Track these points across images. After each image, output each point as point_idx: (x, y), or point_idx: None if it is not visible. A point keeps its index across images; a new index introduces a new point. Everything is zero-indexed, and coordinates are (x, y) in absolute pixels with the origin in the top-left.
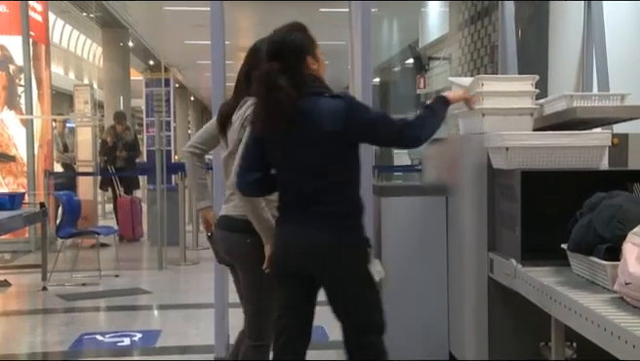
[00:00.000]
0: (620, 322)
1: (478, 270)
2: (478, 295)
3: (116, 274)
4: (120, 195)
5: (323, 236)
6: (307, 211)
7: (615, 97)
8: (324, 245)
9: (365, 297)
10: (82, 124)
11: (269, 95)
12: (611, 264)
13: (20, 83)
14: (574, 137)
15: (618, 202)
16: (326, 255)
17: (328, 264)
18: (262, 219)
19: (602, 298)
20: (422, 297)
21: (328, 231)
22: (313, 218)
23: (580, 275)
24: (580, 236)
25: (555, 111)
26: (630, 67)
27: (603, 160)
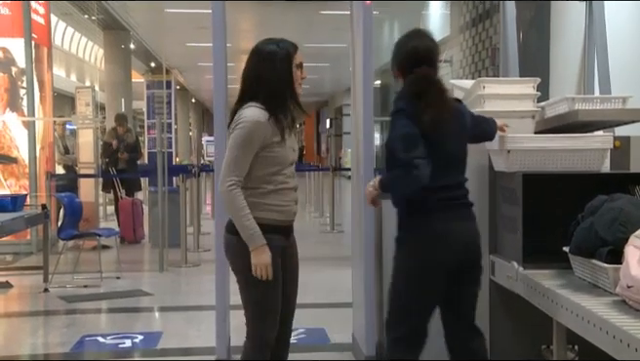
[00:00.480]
0: (622, 325)
1: None
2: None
3: (117, 276)
4: (121, 197)
5: (476, 228)
6: (463, 204)
7: (616, 99)
8: (479, 236)
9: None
10: (83, 126)
11: (444, 96)
12: (613, 267)
13: (22, 85)
14: (575, 139)
15: (619, 205)
16: (479, 246)
17: (479, 256)
18: (244, 225)
19: (604, 301)
20: None
21: (475, 222)
22: (466, 210)
23: (581, 278)
24: (581, 239)
25: (557, 114)
26: (632, 69)
27: (605, 163)
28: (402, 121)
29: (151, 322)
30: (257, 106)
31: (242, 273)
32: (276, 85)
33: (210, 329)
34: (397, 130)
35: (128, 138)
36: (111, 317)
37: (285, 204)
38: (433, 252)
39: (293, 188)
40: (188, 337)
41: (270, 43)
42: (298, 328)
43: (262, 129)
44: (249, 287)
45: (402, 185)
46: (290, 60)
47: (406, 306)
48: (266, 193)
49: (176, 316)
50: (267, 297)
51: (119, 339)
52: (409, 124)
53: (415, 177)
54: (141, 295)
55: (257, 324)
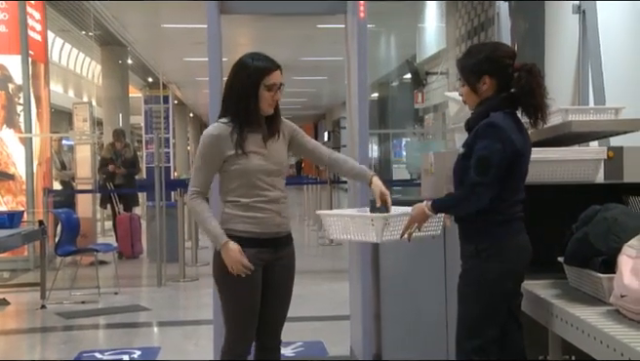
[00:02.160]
0: (616, 335)
1: None
2: None
3: (115, 291)
4: (119, 212)
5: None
6: (522, 217)
7: (610, 110)
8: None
9: None
10: (81, 142)
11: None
12: (607, 277)
13: (18, 102)
14: (570, 150)
15: (613, 215)
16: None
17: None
18: (206, 229)
19: (598, 310)
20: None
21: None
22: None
23: (576, 288)
24: (575, 249)
25: (551, 125)
26: (626, 80)
27: (598, 173)
28: (486, 142)
29: (149, 337)
30: (219, 122)
31: (216, 283)
32: (239, 98)
33: (208, 344)
34: (478, 149)
35: (126, 153)
36: (109, 333)
37: (263, 216)
38: (520, 260)
39: (273, 200)
40: (187, 351)
41: (248, 56)
42: (296, 341)
43: (216, 143)
44: (222, 296)
45: (465, 206)
46: (258, 76)
47: (488, 315)
48: (242, 206)
49: (174, 331)
50: (239, 307)
51: (117, 354)
52: (496, 148)
53: (479, 200)
54: (140, 310)
55: (227, 333)
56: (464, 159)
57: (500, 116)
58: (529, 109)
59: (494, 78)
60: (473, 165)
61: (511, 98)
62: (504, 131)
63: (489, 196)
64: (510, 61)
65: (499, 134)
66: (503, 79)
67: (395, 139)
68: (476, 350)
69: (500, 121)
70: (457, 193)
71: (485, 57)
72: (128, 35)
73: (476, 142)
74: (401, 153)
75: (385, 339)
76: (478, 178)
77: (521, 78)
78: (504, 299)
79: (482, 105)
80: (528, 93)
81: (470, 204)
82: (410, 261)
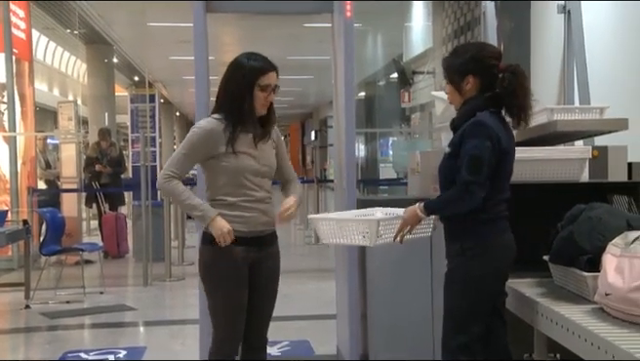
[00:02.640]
0: (600, 332)
1: None
2: None
3: (101, 291)
4: (105, 212)
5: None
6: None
7: (594, 110)
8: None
9: None
10: (66, 140)
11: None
12: (591, 275)
13: (2, 100)
14: (555, 150)
15: (598, 214)
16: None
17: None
18: (190, 206)
19: (583, 309)
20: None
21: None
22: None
23: (561, 286)
24: (561, 248)
25: (537, 124)
26: (611, 80)
27: (583, 172)
28: (476, 141)
29: (135, 337)
30: (213, 117)
31: (203, 281)
32: (235, 97)
33: (195, 343)
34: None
35: (112, 152)
36: (94, 333)
37: (249, 215)
38: (505, 258)
39: (259, 200)
40: (173, 351)
41: (243, 56)
42: (282, 340)
43: (207, 137)
44: (208, 294)
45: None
46: (253, 76)
47: (474, 312)
48: (228, 205)
49: (160, 331)
50: (227, 305)
51: (102, 354)
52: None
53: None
54: (125, 309)
55: (215, 332)
56: (450, 158)
57: (487, 115)
58: (512, 110)
59: (478, 78)
60: (465, 164)
61: (496, 97)
62: (492, 129)
63: (482, 195)
64: (496, 62)
65: (487, 132)
66: (488, 79)
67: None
68: (462, 348)
69: (487, 120)
70: (449, 193)
71: (471, 56)
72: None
73: (464, 142)
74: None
75: (372, 338)
76: (471, 177)
77: (505, 79)
78: (489, 297)
79: (467, 105)
80: (512, 94)
81: (465, 203)
82: (396, 261)
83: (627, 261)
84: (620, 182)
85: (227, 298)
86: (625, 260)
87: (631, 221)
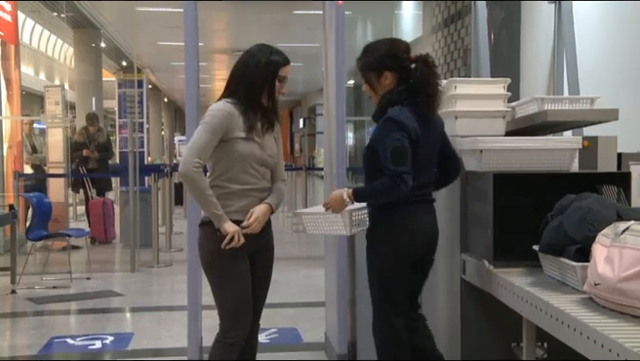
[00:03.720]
0: (589, 322)
1: (451, 271)
2: (450, 295)
3: (88, 277)
4: (92, 197)
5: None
6: (431, 200)
7: (585, 100)
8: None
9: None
10: (53, 125)
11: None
12: (581, 265)
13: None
14: (546, 140)
15: (587, 204)
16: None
17: (436, 247)
18: (210, 203)
19: (572, 298)
20: None
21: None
22: (432, 206)
23: (550, 276)
24: (550, 238)
25: (527, 114)
26: (600, 71)
27: (573, 163)
28: (396, 133)
29: (122, 323)
30: (227, 101)
31: (208, 272)
32: (254, 85)
33: (182, 329)
34: (389, 142)
35: (99, 137)
36: (81, 318)
37: (249, 203)
38: (409, 242)
39: (260, 189)
40: (160, 337)
41: (264, 49)
42: (270, 328)
43: (228, 118)
44: (213, 285)
45: (388, 195)
46: (275, 68)
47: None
48: (230, 193)
49: (147, 317)
50: (233, 295)
51: (89, 340)
52: (401, 137)
53: (400, 189)
54: (112, 295)
55: (222, 321)
56: (367, 149)
57: (397, 110)
58: (422, 98)
59: (394, 72)
60: (389, 158)
61: (409, 89)
62: (402, 123)
63: (411, 183)
64: (406, 55)
65: (398, 125)
66: (402, 72)
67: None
68: (386, 337)
69: (397, 115)
70: (382, 183)
71: (384, 53)
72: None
73: (379, 138)
74: None
75: (360, 325)
76: (399, 168)
77: (417, 69)
78: (401, 283)
79: (383, 99)
80: (424, 82)
81: (397, 192)
82: None
83: (617, 252)
84: (609, 173)
85: (233, 289)
86: (615, 251)
87: (621, 212)
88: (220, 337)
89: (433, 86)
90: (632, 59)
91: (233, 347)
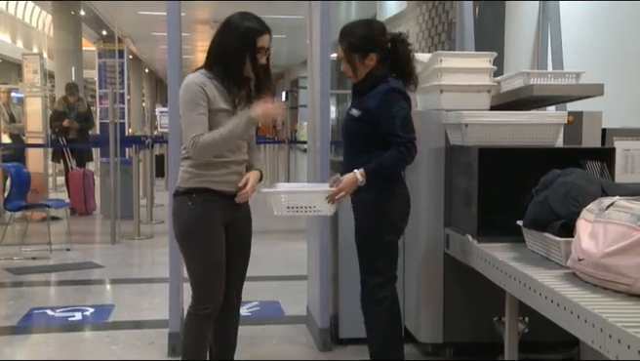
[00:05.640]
0: (573, 297)
1: (434, 246)
2: (434, 270)
3: (67, 248)
4: (72, 168)
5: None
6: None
7: (570, 75)
8: None
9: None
10: (31, 94)
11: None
12: (564, 241)
13: None
14: (531, 114)
15: (572, 179)
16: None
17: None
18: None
19: (555, 273)
20: None
21: None
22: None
23: (534, 251)
24: (535, 213)
25: (512, 88)
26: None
27: (558, 138)
28: (402, 102)
29: (103, 295)
30: (201, 73)
31: (180, 241)
32: (231, 55)
33: (163, 302)
34: (397, 111)
35: (79, 107)
36: (61, 290)
37: (225, 173)
38: (404, 208)
39: (237, 161)
40: (141, 309)
41: (241, 16)
42: (252, 300)
43: (199, 89)
44: (186, 255)
45: (402, 164)
46: (253, 36)
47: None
48: (209, 164)
49: (128, 289)
50: (206, 265)
51: (69, 311)
52: (407, 106)
53: (413, 155)
54: (92, 267)
55: (194, 292)
56: (359, 121)
57: (395, 81)
58: (405, 75)
59: (377, 53)
60: (398, 126)
61: (392, 65)
62: (405, 92)
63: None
64: (384, 36)
65: (403, 95)
66: (383, 52)
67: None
68: (391, 304)
69: (400, 86)
70: (394, 152)
71: (366, 34)
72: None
73: (386, 107)
74: None
75: (342, 299)
76: (408, 135)
77: (398, 49)
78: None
79: (373, 73)
80: (404, 60)
81: (410, 159)
82: None
83: (602, 227)
84: (594, 148)
85: (207, 258)
86: (600, 226)
87: (605, 187)
88: (192, 308)
89: (412, 64)
90: (617, 34)
91: (206, 320)
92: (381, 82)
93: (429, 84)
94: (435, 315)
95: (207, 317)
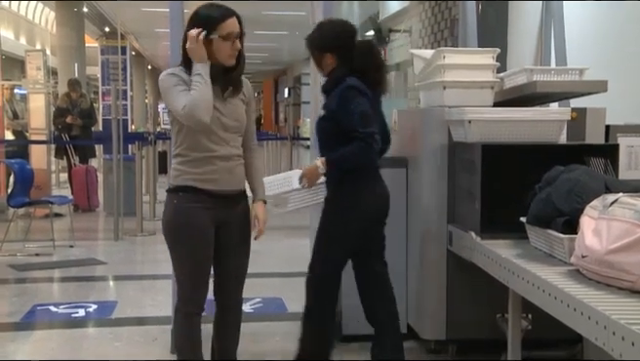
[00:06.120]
0: (576, 294)
1: (437, 242)
2: (437, 267)
3: (71, 244)
4: (75, 164)
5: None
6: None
7: (574, 71)
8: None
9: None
10: (34, 91)
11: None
12: (568, 237)
13: None
14: (534, 111)
15: (576, 176)
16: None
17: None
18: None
19: (559, 270)
20: None
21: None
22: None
23: (537, 248)
24: (538, 209)
25: (515, 85)
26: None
27: (562, 134)
28: (359, 99)
29: (106, 291)
30: (172, 68)
31: (167, 237)
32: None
33: (166, 298)
34: (355, 107)
35: (82, 103)
36: (64, 286)
37: (212, 171)
38: (371, 203)
39: (224, 156)
40: (144, 306)
41: (201, 7)
42: (254, 297)
43: (175, 75)
44: (173, 252)
45: (363, 157)
46: (210, 26)
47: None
48: (191, 161)
49: (131, 285)
50: (190, 263)
51: (72, 308)
52: (365, 101)
53: (374, 149)
54: (96, 263)
55: (179, 290)
56: (325, 120)
57: (354, 79)
58: (372, 83)
59: (335, 55)
60: (359, 121)
61: (360, 72)
62: (362, 89)
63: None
64: (345, 40)
65: (360, 91)
66: (345, 56)
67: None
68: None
69: (356, 83)
70: (354, 146)
71: (332, 35)
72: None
73: (344, 104)
74: None
75: (345, 296)
76: (369, 129)
77: (362, 55)
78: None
79: (336, 72)
80: (373, 69)
81: (372, 151)
82: None
83: (605, 224)
84: (597, 145)
85: (190, 256)
86: (603, 223)
87: (609, 184)
88: (177, 306)
89: (378, 70)
90: (620, 31)
91: (191, 317)
92: (341, 82)
93: (432, 80)
94: (438, 312)
95: (192, 315)
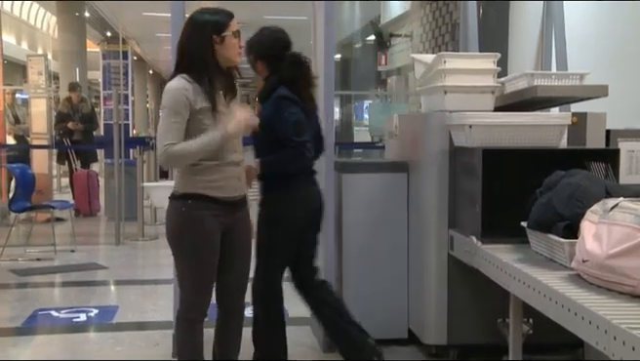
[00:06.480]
0: (577, 299)
1: (438, 247)
2: (438, 271)
3: (72, 249)
4: (76, 169)
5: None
6: (314, 172)
7: (574, 76)
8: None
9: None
10: (36, 95)
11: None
12: (568, 242)
13: None
14: (535, 116)
15: (576, 180)
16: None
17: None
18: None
19: (560, 275)
20: (382, 274)
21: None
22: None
23: (538, 253)
24: (539, 214)
25: (516, 90)
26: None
27: (562, 139)
28: (292, 108)
29: (107, 296)
30: (181, 76)
31: (173, 244)
32: (197, 53)
33: (167, 303)
34: (288, 116)
35: (83, 108)
36: (65, 291)
37: (223, 179)
38: (300, 208)
39: (233, 163)
40: (145, 311)
41: (201, 12)
42: None
43: (184, 94)
44: (177, 258)
45: (294, 164)
46: (214, 29)
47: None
48: (203, 169)
49: (132, 290)
50: (196, 269)
51: (73, 313)
52: (299, 110)
53: (306, 157)
54: (97, 268)
55: (183, 295)
56: (261, 128)
57: (286, 90)
58: (297, 91)
59: (265, 63)
60: (292, 130)
61: (289, 83)
62: (295, 99)
63: (313, 151)
64: (273, 50)
65: (293, 101)
66: (275, 65)
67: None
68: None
69: (288, 93)
70: (287, 152)
71: (266, 44)
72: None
73: (278, 113)
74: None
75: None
76: (302, 138)
77: (293, 66)
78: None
79: (269, 81)
80: (300, 82)
81: (303, 160)
82: (373, 225)
83: (606, 228)
84: (598, 149)
85: (198, 263)
86: (604, 227)
87: (610, 189)
88: (180, 312)
89: (307, 84)
90: (621, 35)
91: (194, 324)
92: (274, 91)
93: (433, 85)
94: (439, 317)
95: (194, 321)
